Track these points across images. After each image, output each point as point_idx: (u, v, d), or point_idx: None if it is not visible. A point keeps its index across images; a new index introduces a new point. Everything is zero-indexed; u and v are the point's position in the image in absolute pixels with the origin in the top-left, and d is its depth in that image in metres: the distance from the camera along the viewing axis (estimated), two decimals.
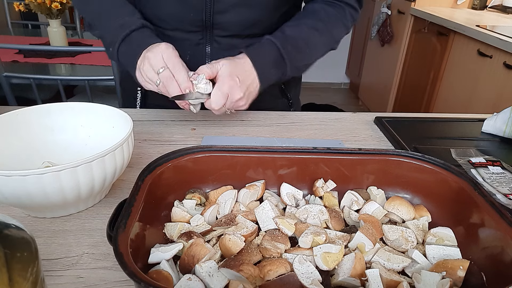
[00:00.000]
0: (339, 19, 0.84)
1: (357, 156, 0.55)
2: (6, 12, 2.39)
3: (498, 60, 1.80)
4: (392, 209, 0.52)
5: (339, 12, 0.84)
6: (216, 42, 0.83)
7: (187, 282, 0.39)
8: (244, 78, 0.71)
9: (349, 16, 0.85)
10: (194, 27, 0.81)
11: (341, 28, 0.85)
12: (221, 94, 0.69)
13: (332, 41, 0.84)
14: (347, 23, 0.85)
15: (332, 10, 0.83)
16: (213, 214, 0.51)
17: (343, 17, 0.84)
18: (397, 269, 0.44)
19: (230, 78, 0.69)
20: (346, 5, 0.84)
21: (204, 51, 0.84)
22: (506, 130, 0.80)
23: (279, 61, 0.76)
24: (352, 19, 0.86)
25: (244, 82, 0.71)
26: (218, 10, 0.78)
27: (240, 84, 0.70)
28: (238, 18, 0.80)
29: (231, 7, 0.78)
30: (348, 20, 0.85)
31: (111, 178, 0.53)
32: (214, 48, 0.84)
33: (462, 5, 2.67)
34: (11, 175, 0.44)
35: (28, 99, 1.69)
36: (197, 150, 0.54)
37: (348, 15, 0.85)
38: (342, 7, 0.84)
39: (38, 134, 0.62)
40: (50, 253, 0.48)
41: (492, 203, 0.46)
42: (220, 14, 0.78)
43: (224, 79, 0.69)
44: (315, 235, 0.46)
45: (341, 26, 0.84)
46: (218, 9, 0.78)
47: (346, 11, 0.84)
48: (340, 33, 0.85)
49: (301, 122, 0.87)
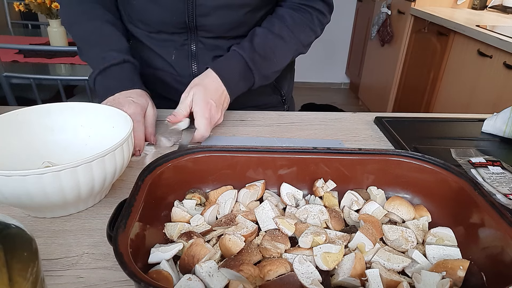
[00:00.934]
0: (306, 24, 0.84)
1: (357, 156, 0.55)
2: (6, 12, 2.39)
3: (498, 60, 1.80)
4: (392, 209, 0.52)
5: (306, 17, 0.84)
6: (201, 43, 0.84)
7: (187, 282, 0.39)
8: (217, 98, 0.74)
9: (316, 21, 0.85)
10: (178, 29, 0.82)
11: (309, 33, 0.85)
12: (206, 122, 0.72)
13: (300, 46, 0.85)
14: (314, 28, 0.85)
15: (298, 15, 0.83)
16: (213, 214, 0.51)
17: (310, 22, 0.84)
18: (397, 269, 0.44)
19: (206, 104, 0.72)
20: (313, 9, 0.85)
21: (189, 51, 0.85)
22: (506, 130, 0.80)
23: (246, 73, 0.78)
24: (320, 23, 0.86)
25: (218, 101, 0.74)
26: (200, 13, 0.78)
27: (216, 105, 0.73)
28: (221, 21, 0.80)
29: (213, 10, 0.78)
30: (316, 25, 0.85)
31: (111, 178, 0.53)
32: (199, 48, 0.85)
33: (462, 5, 2.68)
34: (11, 175, 0.44)
35: (28, 99, 1.69)
36: (197, 150, 0.54)
37: (315, 20, 0.85)
38: (309, 12, 0.84)
39: (38, 134, 0.62)
40: (50, 253, 0.48)
41: (492, 203, 0.46)
42: (202, 17, 0.79)
43: (202, 108, 0.71)
44: (315, 235, 0.46)
45: (309, 31, 0.85)
46: (201, 12, 0.78)
47: (313, 16, 0.85)
48: (308, 37, 0.86)
49: (301, 122, 0.87)
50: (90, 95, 1.49)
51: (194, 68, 0.86)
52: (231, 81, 0.76)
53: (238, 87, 0.78)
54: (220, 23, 0.80)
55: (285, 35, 0.81)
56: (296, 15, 0.83)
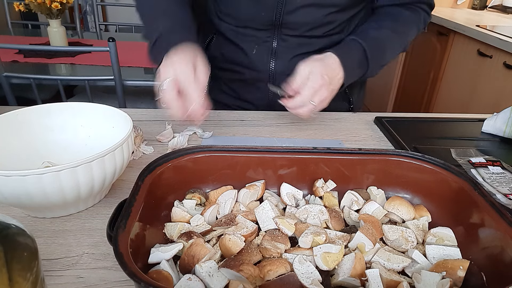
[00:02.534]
0: (415, 23, 0.86)
1: (357, 156, 0.55)
2: (6, 12, 2.39)
3: (498, 60, 1.80)
4: (392, 209, 0.52)
5: (416, 15, 0.86)
6: (283, 40, 0.85)
7: (187, 282, 0.39)
8: (332, 77, 0.72)
9: (422, 19, 0.87)
10: (264, 25, 0.84)
11: (415, 31, 0.87)
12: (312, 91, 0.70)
13: (406, 44, 0.87)
14: (420, 26, 0.87)
15: (409, 13, 0.85)
16: (213, 214, 0.51)
17: (418, 21, 0.86)
18: (397, 269, 0.44)
19: (321, 77, 0.70)
20: (421, 9, 0.87)
21: (270, 47, 0.86)
22: (506, 130, 0.80)
23: (363, 61, 0.78)
24: (424, 22, 0.88)
25: (332, 81, 0.73)
26: (288, 10, 0.80)
27: (329, 82, 0.71)
28: (306, 19, 0.82)
29: (300, 7, 0.80)
30: (422, 23, 0.87)
31: (111, 178, 0.53)
32: (280, 46, 0.86)
33: (462, 5, 2.67)
34: (11, 175, 0.44)
35: (28, 99, 1.69)
36: (197, 150, 0.54)
37: (422, 18, 0.87)
38: (417, 11, 0.86)
39: (38, 134, 0.62)
40: (50, 253, 0.48)
41: (492, 203, 0.46)
42: (289, 14, 0.81)
43: (316, 77, 0.70)
44: (315, 235, 0.46)
45: (415, 28, 0.87)
46: (288, 9, 0.80)
47: (421, 14, 0.87)
48: (413, 35, 0.87)
49: (301, 122, 0.87)
50: (90, 95, 1.49)
51: (272, 65, 0.87)
52: (349, 66, 0.76)
53: (353, 73, 0.78)
54: (305, 21, 0.82)
55: (399, 31, 0.83)
56: (407, 13, 0.85)
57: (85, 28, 3.43)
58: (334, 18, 0.83)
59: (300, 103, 0.71)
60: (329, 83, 0.71)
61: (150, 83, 1.59)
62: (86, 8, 3.40)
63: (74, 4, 2.42)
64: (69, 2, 1.73)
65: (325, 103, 0.73)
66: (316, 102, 0.71)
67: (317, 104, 0.71)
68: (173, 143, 0.74)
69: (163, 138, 0.75)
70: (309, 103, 0.70)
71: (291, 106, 0.71)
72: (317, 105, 0.71)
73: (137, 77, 1.61)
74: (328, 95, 0.72)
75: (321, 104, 0.72)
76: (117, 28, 2.89)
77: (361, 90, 1.02)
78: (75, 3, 2.42)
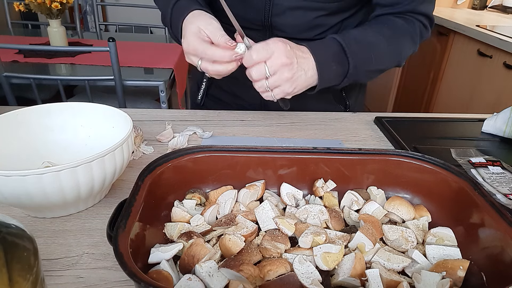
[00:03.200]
0: (408, 32, 0.79)
1: (357, 156, 0.55)
2: (6, 12, 2.39)
3: (498, 60, 1.80)
4: (392, 209, 0.52)
5: (410, 26, 0.79)
6: None
7: (187, 282, 0.39)
8: (300, 59, 0.66)
9: (418, 31, 0.80)
10: (255, 26, 0.83)
11: (409, 42, 0.79)
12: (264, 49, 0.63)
13: (398, 54, 0.79)
14: (415, 38, 0.80)
15: (401, 21, 0.79)
16: (213, 214, 0.51)
17: (412, 31, 0.79)
18: (397, 269, 0.44)
19: (282, 42, 0.64)
20: (417, 21, 0.80)
21: None
22: (506, 130, 0.80)
23: (340, 56, 0.71)
24: (421, 37, 0.81)
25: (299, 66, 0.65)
26: (275, 12, 0.79)
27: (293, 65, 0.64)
28: (294, 22, 0.80)
29: (288, 10, 0.79)
30: (417, 35, 0.80)
31: (111, 178, 0.53)
32: None
33: (462, 5, 2.67)
34: (11, 175, 0.44)
35: (28, 99, 1.69)
36: (197, 150, 0.54)
37: (417, 30, 0.80)
38: (412, 21, 0.79)
39: (38, 134, 0.62)
40: (50, 253, 0.48)
41: (492, 203, 0.46)
42: (277, 16, 0.80)
43: (275, 40, 0.64)
44: (315, 235, 0.46)
45: (409, 39, 0.79)
46: (276, 11, 0.79)
47: (416, 25, 0.80)
48: (407, 47, 0.80)
49: (301, 122, 0.87)
50: (90, 95, 1.49)
51: None
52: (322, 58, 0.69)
53: (329, 67, 0.70)
54: (293, 23, 0.81)
55: (386, 35, 0.76)
56: (399, 21, 0.78)
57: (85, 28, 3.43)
58: (324, 21, 0.81)
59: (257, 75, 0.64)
60: (293, 65, 0.64)
61: (150, 83, 1.59)
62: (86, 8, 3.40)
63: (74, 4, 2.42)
64: (69, 2, 1.73)
65: (288, 87, 0.65)
66: (275, 81, 0.64)
67: (276, 83, 0.64)
68: (173, 143, 0.74)
69: (163, 138, 0.75)
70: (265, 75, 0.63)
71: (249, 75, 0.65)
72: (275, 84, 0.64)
73: (137, 77, 1.61)
74: (290, 76, 0.64)
75: (284, 87, 0.65)
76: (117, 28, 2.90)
77: (359, 93, 0.99)
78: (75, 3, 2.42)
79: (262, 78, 0.64)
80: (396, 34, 0.77)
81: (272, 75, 0.64)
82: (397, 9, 0.79)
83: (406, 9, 0.79)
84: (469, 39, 1.99)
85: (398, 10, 0.79)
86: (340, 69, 0.72)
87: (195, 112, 0.89)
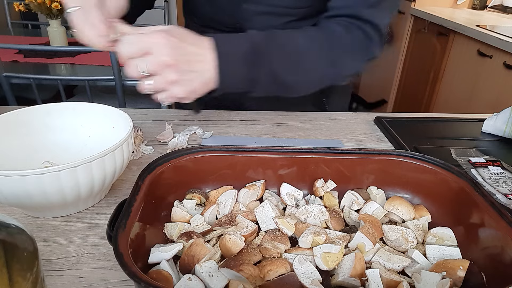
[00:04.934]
0: (347, 43, 0.67)
1: (357, 156, 0.55)
2: (6, 12, 2.39)
3: (498, 60, 1.80)
4: (392, 209, 0.52)
5: (350, 35, 0.67)
6: None
7: (187, 282, 0.39)
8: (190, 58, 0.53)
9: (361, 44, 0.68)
10: (227, 27, 0.82)
11: (349, 55, 0.68)
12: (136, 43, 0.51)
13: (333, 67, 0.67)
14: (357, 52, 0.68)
15: (341, 30, 0.67)
16: (213, 214, 0.51)
17: (352, 42, 0.67)
18: (397, 269, 0.44)
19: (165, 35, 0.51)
20: (359, 28, 0.67)
21: None
22: (506, 130, 0.80)
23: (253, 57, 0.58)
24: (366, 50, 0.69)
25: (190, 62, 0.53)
26: (243, 17, 0.78)
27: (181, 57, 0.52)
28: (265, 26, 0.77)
29: (255, 15, 0.78)
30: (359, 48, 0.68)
31: (111, 178, 0.53)
32: None
33: (462, 5, 2.67)
34: (11, 175, 0.44)
35: (28, 99, 1.69)
36: (197, 150, 0.54)
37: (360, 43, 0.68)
38: (353, 30, 0.67)
39: (38, 134, 0.62)
40: (50, 253, 0.48)
41: (492, 203, 0.46)
42: (246, 21, 0.79)
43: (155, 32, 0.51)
44: (315, 235, 0.46)
45: (350, 53, 0.68)
46: (243, 16, 0.78)
47: (356, 34, 0.67)
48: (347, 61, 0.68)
49: (301, 122, 0.87)
50: (90, 95, 1.49)
51: None
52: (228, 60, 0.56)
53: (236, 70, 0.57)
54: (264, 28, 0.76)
55: (318, 43, 0.65)
56: (338, 29, 0.67)
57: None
58: (295, 26, 0.77)
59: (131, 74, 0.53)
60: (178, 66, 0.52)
61: None
62: None
63: None
64: None
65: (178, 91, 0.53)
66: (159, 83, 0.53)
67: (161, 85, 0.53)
68: (173, 143, 0.74)
69: (163, 138, 0.75)
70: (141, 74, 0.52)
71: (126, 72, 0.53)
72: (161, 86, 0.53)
73: None
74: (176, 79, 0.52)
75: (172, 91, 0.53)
76: None
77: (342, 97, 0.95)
78: None
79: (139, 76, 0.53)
80: (332, 44, 0.66)
81: (154, 75, 0.52)
82: (340, 12, 0.69)
83: (347, 12, 0.68)
84: (469, 39, 1.99)
85: (341, 13, 0.68)
86: (252, 73, 0.59)
87: None
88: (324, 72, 0.66)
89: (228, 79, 0.57)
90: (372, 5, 0.67)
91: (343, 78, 0.70)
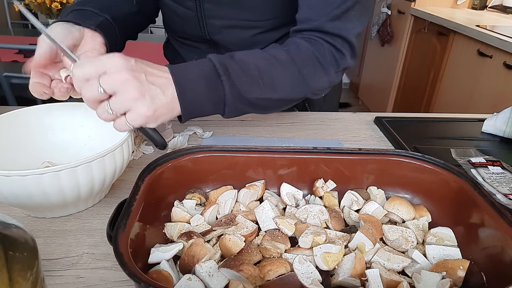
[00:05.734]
0: (314, 56, 0.65)
1: (357, 156, 0.55)
2: (6, 12, 2.39)
3: (498, 60, 1.80)
4: (392, 209, 0.52)
5: (315, 48, 0.65)
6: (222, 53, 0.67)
7: (187, 282, 0.39)
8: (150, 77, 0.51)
9: (329, 57, 0.65)
10: (199, 39, 0.84)
11: (316, 69, 0.65)
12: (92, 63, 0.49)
13: (302, 81, 0.64)
14: (325, 65, 0.65)
15: (305, 43, 0.65)
16: (213, 214, 0.51)
17: (320, 55, 0.65)
18: (397, 269, 0.44)
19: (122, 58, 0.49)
20: (325, 42, 0.66)
21: None
22: (506, 130, 0.80)
23: (213, 79, 0.57)
24: (335, 62, 0.66)
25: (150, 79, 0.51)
26: (211, 31, 0.80)
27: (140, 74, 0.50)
28: (233, 39, 0.80)
29: (223, 28, 0.78)
30: (328, 62, 0.65)
31: (111, 178, 0.53)
32: None
33: (462, 5, 2.67)
34: (11, 175, 0.44)
35: (28, 99, 1.68)
36: (197, 150, 0.54)
37: (327, 55, 0.65)
38: (320, 43, 0.65)
39: (38, 134, 0.62)
40: (50, 253, 0.48)
41: (492, 203, 0.46)
42: (215, 34, 0.80)
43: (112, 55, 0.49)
44: (315, 235, 0.46)
45: (317, 65, 0.65)
46: (211, 30, 0.80)
47: (325, 49, 0.65)
48: (314, 74, 0.65)
49: (301, 122, 0.87)
50: None
51: None
52: (185, 82, 0.55)
53: (195, 92, 0.56)
54: (233, 41, 0.80)
55: (283, 59, 0.63)
56: (303, 43, 0.65)
57: None
58: (264, 37, 0.78)
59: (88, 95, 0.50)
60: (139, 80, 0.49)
61: None
62: None
63: None
64: (69, 2, 1.73)
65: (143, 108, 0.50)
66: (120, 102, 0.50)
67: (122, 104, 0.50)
68: (173, 143, 0.74)
69: None
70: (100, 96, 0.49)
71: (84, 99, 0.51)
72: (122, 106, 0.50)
73: None
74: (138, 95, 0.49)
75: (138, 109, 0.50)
76: None
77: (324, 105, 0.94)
78: None
79: (98, 99, 0.50)
80: (297, 58, 0.64)
81: (113, 94, 0.49)
82: (306, 26, 0.67)
83: (312, 26, 0.66)
84: (469, 39, 1.99)
85: (307, 27, 0.67)
86: (215, 95, 0.57)
87: None
88: (292, 88, 0.64)
89: (188, 100, 0.55)
90: (336, 17, 0.65)
91: (315, 92, 0.68)
